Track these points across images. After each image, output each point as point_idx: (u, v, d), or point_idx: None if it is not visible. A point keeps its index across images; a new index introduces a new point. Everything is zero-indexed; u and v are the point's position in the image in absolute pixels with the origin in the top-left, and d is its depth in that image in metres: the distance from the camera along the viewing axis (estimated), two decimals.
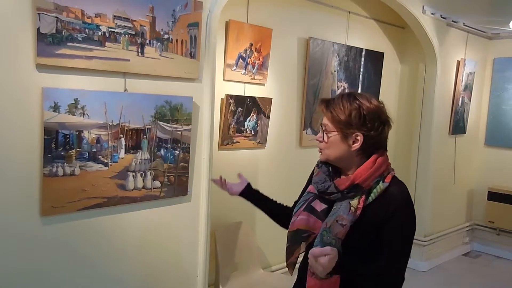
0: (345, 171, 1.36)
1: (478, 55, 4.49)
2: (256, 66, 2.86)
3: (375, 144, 1.32)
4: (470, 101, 4.45)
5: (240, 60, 2.77)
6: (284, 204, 1.65)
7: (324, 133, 1.34)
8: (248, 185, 1.68)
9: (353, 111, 1.29)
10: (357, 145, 1.30)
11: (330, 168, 1.38)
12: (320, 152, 1.38)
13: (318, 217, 1.33)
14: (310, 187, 1.42)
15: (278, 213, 1.62)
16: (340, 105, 1.30)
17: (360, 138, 1.29)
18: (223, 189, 1.73)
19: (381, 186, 1.29)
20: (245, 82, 2.84)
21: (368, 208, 1.28)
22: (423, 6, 3.63)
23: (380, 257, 1.27)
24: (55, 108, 1.75)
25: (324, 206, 1.34)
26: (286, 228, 1.50)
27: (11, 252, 1.75)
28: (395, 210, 1.26)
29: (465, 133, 4.47)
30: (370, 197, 1.28)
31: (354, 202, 1.28)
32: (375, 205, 1.28)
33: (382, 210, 1.27)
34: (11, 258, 1.75)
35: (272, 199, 1.68)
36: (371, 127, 1.29)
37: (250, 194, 1.67)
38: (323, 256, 1.17)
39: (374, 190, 1.28)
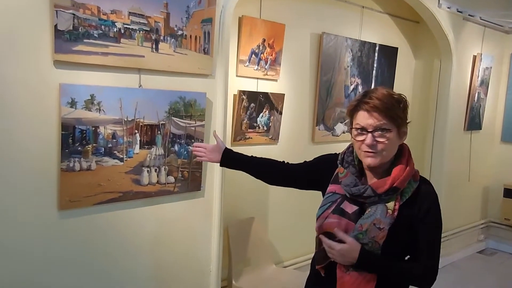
0: (377, 170, 1.30)
1: (495, 49, 4.40)
2: (268, 61, 2.85)
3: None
4: (486, 96, 4.37)
5: (253, 55, 2.77)
6: (270, 159, 1.60)
7: (383, 133, 1.24)
8: (225, 152, 1.59)
9: (401, 104, 1.27)
10: (404, 139, 1.30)
11: (358, 168, 1.34)
12: (371, 156, 1.26)
13: (350, 219, 1.28)
14: (334, 187, 1.35)
15: (264, 172, 1.59)
16: (392, 100, 1.26)
17: (407, 131, 1.30)
18: (204, 160, 1.66)
19: (414, 185, 1.28)
20: (257, 78, 2.84)
21: (402, 208, 1.26)
22: (439, 0, 3.57)
23: (419, 255, 1.27)
24: (72, 104, 1.78)
25: (355, 208, 1.28)
26: (274, 184, 1.59)
27: (30, 244, 1.79)
28: (429, 208, 1.27)
29: (480, 129, 4.40)
30: (403, 197, 1.26)
31: (390, 204, 1.25)
32: (408, 204, 1.26)
33: (416, 209, 1.26)
34: (29, 251, 1.79)
35: (254, 159, 1.60)
36: (407, 119, 1.31)
37: (229, 161, 1.60)
38: (340, 244, 1.22)
39: (407, 190, 1.27)
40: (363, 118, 1.26)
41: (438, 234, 1.30)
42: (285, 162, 1.60)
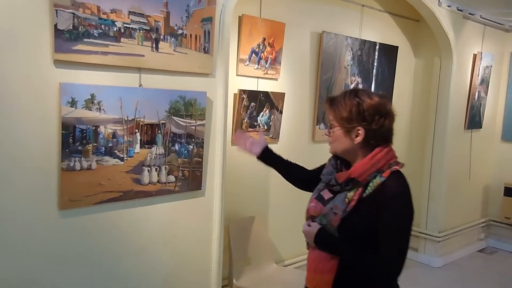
0: (352, 163, 1.44)
1: (495, 48, 4.39)
2: (269, 60, 2.85)
3: (377, 136, 1.39)
4: (486, 95, 4.37)
5: (253, 55, 2.77)
6: (300, 165, 1.79)
7: (330, 128, 1.46)
8: (265, 149, 1.79)
9: (353, 107, 1.38)
10: (359, 139, 1.39)
11: (339, 161, 1.50)
12: (330, 145, 1.50)
13: (324, 204, 1.45)
14: None
15: (293, 175, 1.78)
16: (342, 103, 1.41)
17: (361, 132, 1.38)
18: (244, 149, 1.84)
19: (378, 180, 1.36)
20: (258, 77, 2.84)
21: (364, 200, 1.36)
22: None
23: (379, 248, 1.34)
24: (73, 103, 1.78)
25: (330, 195, 1.46)
26: (299, 188, 1.77)
27: (31, 244, 1.79)
28: (388, 202, 1.33)
29: (481, 128, 4.40)
30: (367, 190, 1.36)
31: (350, 194, 1.38)
32: (371, 198, 1.35)
33: (376, 203, 1.34)
34: (30, 250, 1.79)
35: (287, 161, 1.80)
36: (371, 121, 1.37)
37: (267, 158, 1.80)
38: (305, 227, 1.46)
39: (371, 184, 1.36)
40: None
41: (396, 229, 1.33)
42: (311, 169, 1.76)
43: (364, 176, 1.36)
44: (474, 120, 4.26)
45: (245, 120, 2.78)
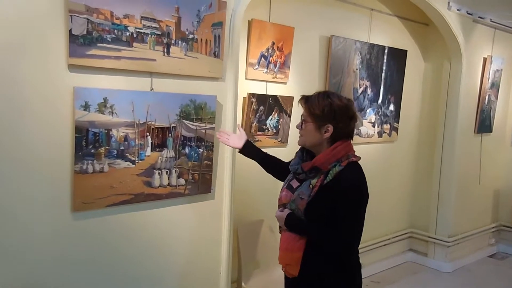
0: (317, 155, 1.62)
1: (506, 51, 4.36)
2: (278, 64, 2.87)
3: (343, 134, 1.61)
4: (496, 99, 4.34)
5: (262, 59, 2.78)
6: (277, 158, 1.98)
7: (303, 123, 1.64)
8: (246, 143, 1.99)
9: (326, 107, 1.58)
10: (327, 135, 1.59)
11: (305, 153, 1.69)
12: (299, 138, 1.68)
13: (293, 192, 1.65)
14: None
15: (272, 167, 1.97)
16: (316, 102, 1.60)
17: (330, 129, 1.58)
18: (225, 143, 2.06)
19: (337, 169, 1.56)
20: (267, 81, 2.85)
21: (326, 186, 1.55)
22: (448, 2, 3.56)
23: (336, 226, 1.55)
24: (86, 107, 1.81)
25: (297, 183, 1.65)
26: (277, 178, 1.93)
27: (45, 246, 1.82)
28: (345, 188, 1.53)
29: (491, 132, 4.36)
30: (327, 178, 1.56)
31: (314, 181, 1.58)
32: (331, 184, 1.55)
33: (335, 189, 1.54)
34: (44, 253, 1.82)
35: (267, 155, 1.99)
36: (340, 120, 1.58)
37: (248, 151, 2.00)
38: (277, 212, 1.67)
39: (331, 172, 1.56)
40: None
41: (351, 211, 1.54)
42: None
43: (325, 165, 1.56)
44: (484, 124, 4.23)
45: (254, 124, 2.79)
